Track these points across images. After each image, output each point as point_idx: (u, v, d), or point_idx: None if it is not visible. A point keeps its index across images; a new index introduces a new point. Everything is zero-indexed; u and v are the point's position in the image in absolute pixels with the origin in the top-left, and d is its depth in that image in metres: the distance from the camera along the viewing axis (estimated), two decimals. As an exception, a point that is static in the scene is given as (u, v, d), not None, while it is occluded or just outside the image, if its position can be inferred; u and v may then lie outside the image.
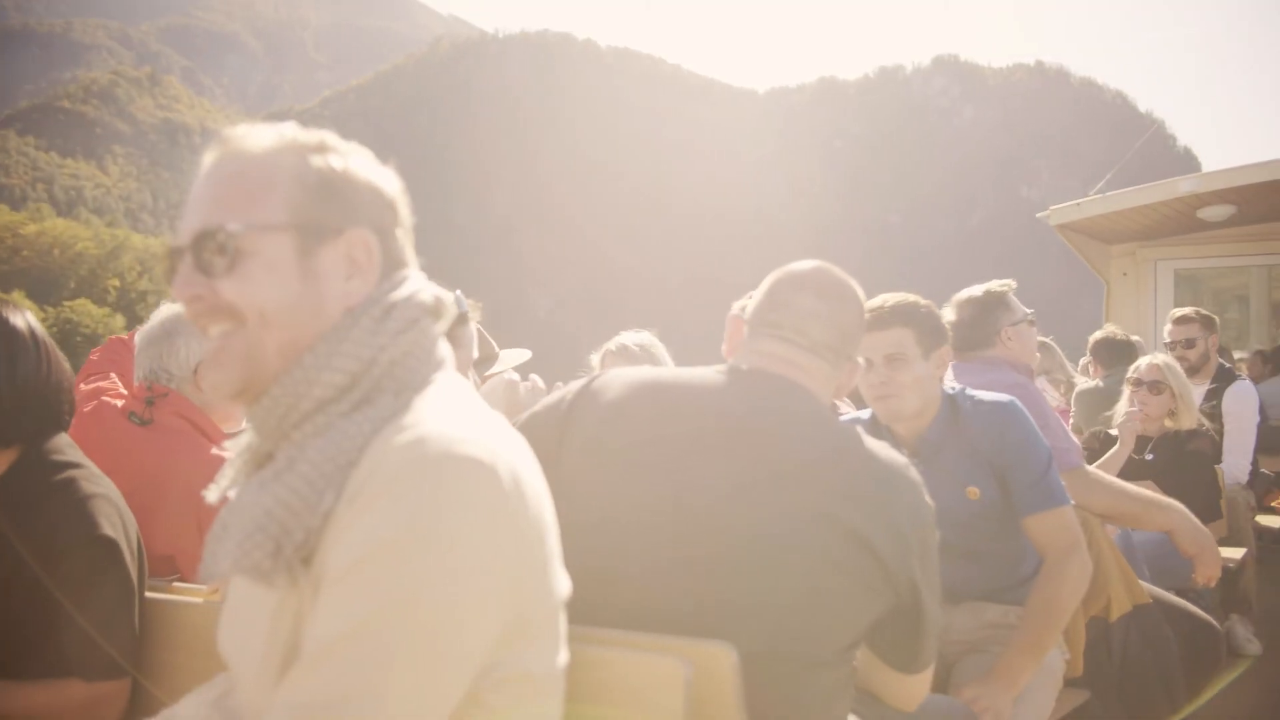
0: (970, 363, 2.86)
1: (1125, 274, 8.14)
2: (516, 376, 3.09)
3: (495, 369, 3.23)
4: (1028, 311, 2.97)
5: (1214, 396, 4.78)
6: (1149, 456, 3.98)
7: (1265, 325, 8.65)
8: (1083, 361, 6.05)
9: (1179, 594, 2.96)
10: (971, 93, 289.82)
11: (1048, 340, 5.81)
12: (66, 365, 1.72)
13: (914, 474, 1.43)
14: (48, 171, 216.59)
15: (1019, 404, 2.24)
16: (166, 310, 2.35)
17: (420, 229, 1.18)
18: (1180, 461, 3.91)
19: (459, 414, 1.03)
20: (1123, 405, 4.08)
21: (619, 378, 1.53)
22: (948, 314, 2.90)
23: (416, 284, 1.13)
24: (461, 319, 2.50)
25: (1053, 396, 5.39)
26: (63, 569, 1.53)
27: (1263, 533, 4.78)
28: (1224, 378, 4.85)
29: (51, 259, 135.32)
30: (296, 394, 1.04)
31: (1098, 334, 5.45)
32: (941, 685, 2.18)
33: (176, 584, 1.88)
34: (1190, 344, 4.87)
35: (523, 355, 3.52)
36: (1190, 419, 3.99)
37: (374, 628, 0.91)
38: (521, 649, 1.02)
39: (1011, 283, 2.99)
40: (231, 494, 1.11)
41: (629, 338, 3.19)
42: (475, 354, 2.98)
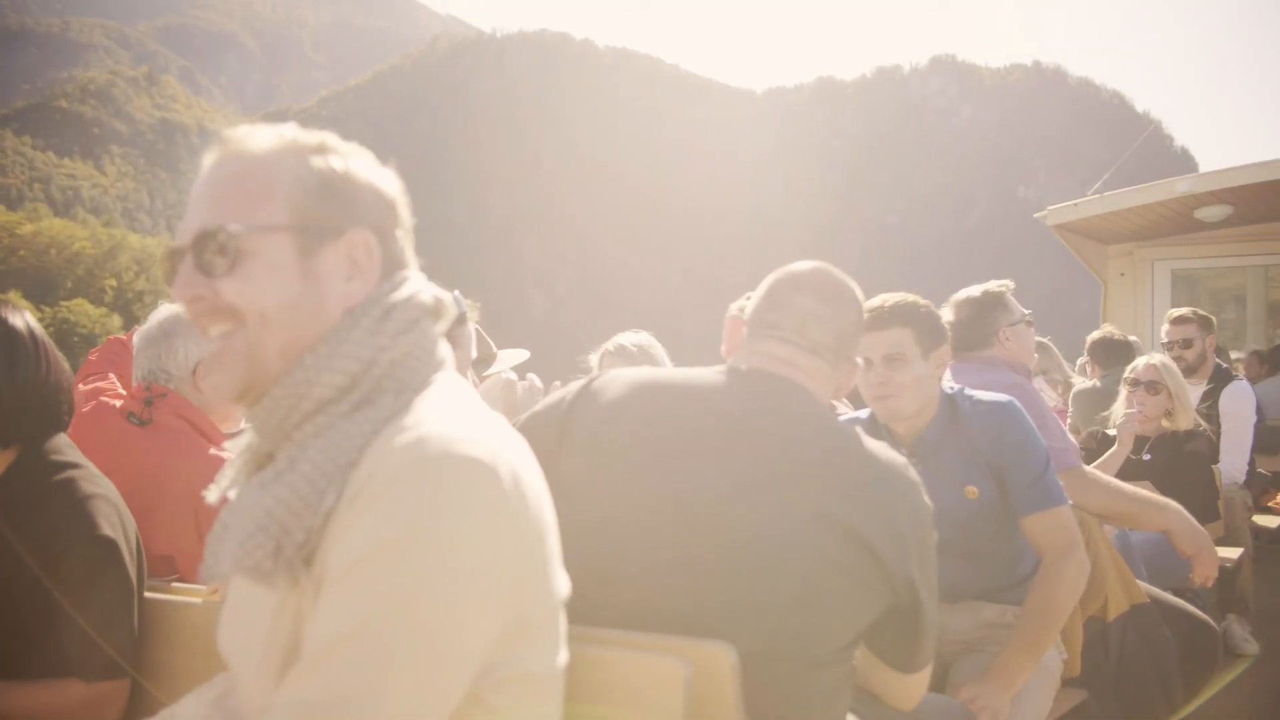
0: (968, 363, 2.87)
1: (1122, 274, 8.15)
2: (514, 376, 3.10)
3: (493, 369, 3.23)
4: (1025, 312, 2.98)
5: (1211, 397, 4.78)
6: (1146, 457, 3.98)
7: (1262, 325, 8.67)
8: (1080, 361, 6.06)
9: (1176, 594, 2.96)
10: (969, 93, 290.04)
11: (1045, 340, 5.82)
12: (66, 366, 1.72)
13: (913, 474, 1.43)
14: (45, 171, 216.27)
15: (1017, 404, 2.25)
16: (165, 311, 2.35)
17: (418, 229, 1.18)
18: (1178, 462, 3.91)
19: (459, 414, 1.03)
20: (1119, 405, 4.08)
21: (619, 378, 1.54)
22: (945, 314, 2.91)
23: (416, 285, 1.13)
24: (460, 319, 2.51)
25: (1050, 397, 5.39)
26: (62, 569, 1.53)
27: (1259, 532, 4.79)
28: (1221, 378, 4.85)
29: (48, 259, 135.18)
30: (297, 394, 1.05)
31: (1095, 334, 5.46)
32: (939, 685, 2.19)
33: (175, 584, 1.88)
34: (1188, 344, 4.88)
35: (521, 355, 3.52)
36: (1187, 419, 4.00)
37: (374, 628, 0.91)
38: (522, 649, 1.03)
39: (1009, 283, 3.00)
40: (231, 494, 1.12)
41: (627, 338, 3.19)
42: (474, 354, 2.98)
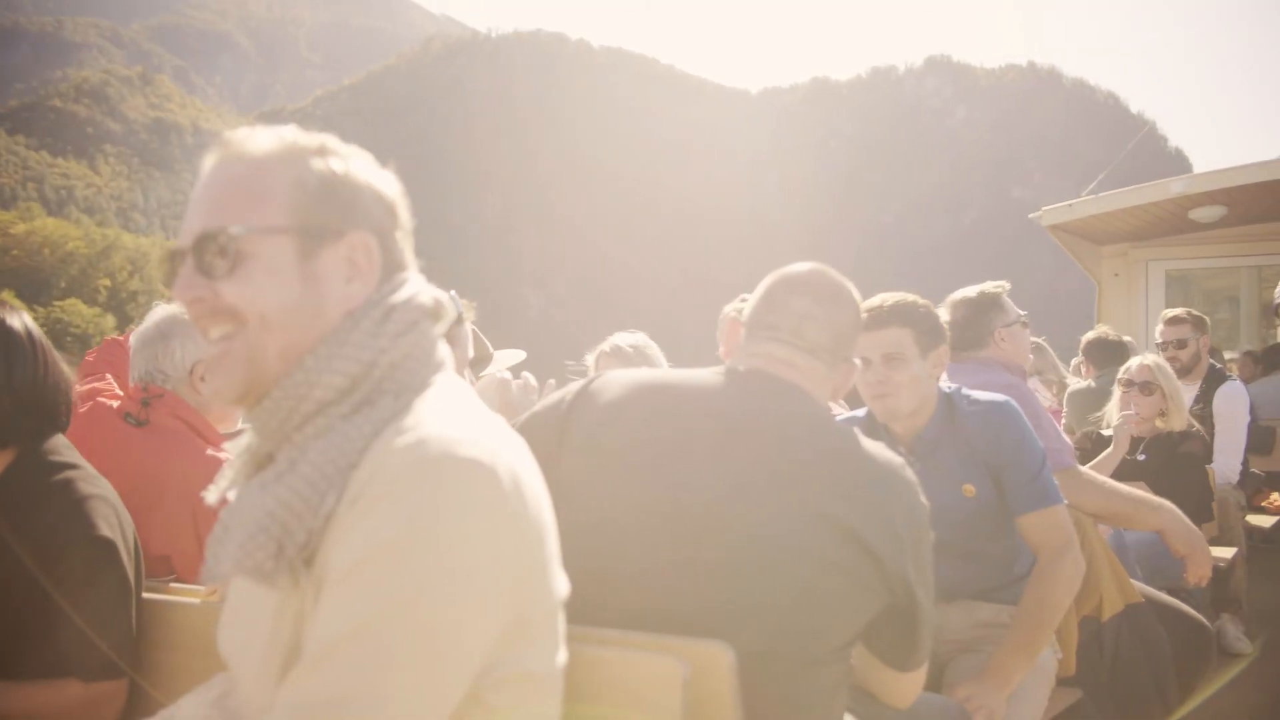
0: (964, 363, 2.87)
1: (1117, 274, 8.18)
2: (509, 376, 3.10)
3: (490, 370, 3.23)
4: (1021, 313, 2.98)
5: (1205, 397, 4.80)
6: (1141, 457, 3.99)
7: (1255, 326, 8.69)
8: (1075, 362, 6.08)
9: (1171, 593, 2.97)
10: (964, 93, 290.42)
11: (1040, 341, 5.84)
12: (64, 367, 1.72)
13: (910, 474, 1.44)
14: (38, 171, 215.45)
15: (1014, 404, 2.26)
16: (161, 311, 2.35)
17: (414, 229, 1.19)
18: (1172, 462, 3.92)
19: (459, 416, 1.04)
20: (1113, 405, 4.09)
21: (618, 379, 1.54)
22: (941, 315, 2.92)
23: (416, 286, 1.14)
24: (458, 319, 2.51)
25: (1045, 397, 5.41)
26: (60, 569, 1.53)
27: (1253, 532, 4.81)
28: (1215, 378, 4.87)
29: (42, 258, 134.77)
30: (297, 396, 1.05)
31: (1090, 334, 5.48)
32: (935, 684, 2.19)
33: (174, 584, 1.88)
34: (1182, 344, 4.89)
35: (517, 356, 3.53)
36: (1180, 420, 4.01)
37: (375, 628, 0.91)
38: (521, 649, 1.03)
39: (1005, 284, 3.00)
40: (231, 496, 1.12)
41: (622, 339, 3.19)
42: (471, 353, 2.99)
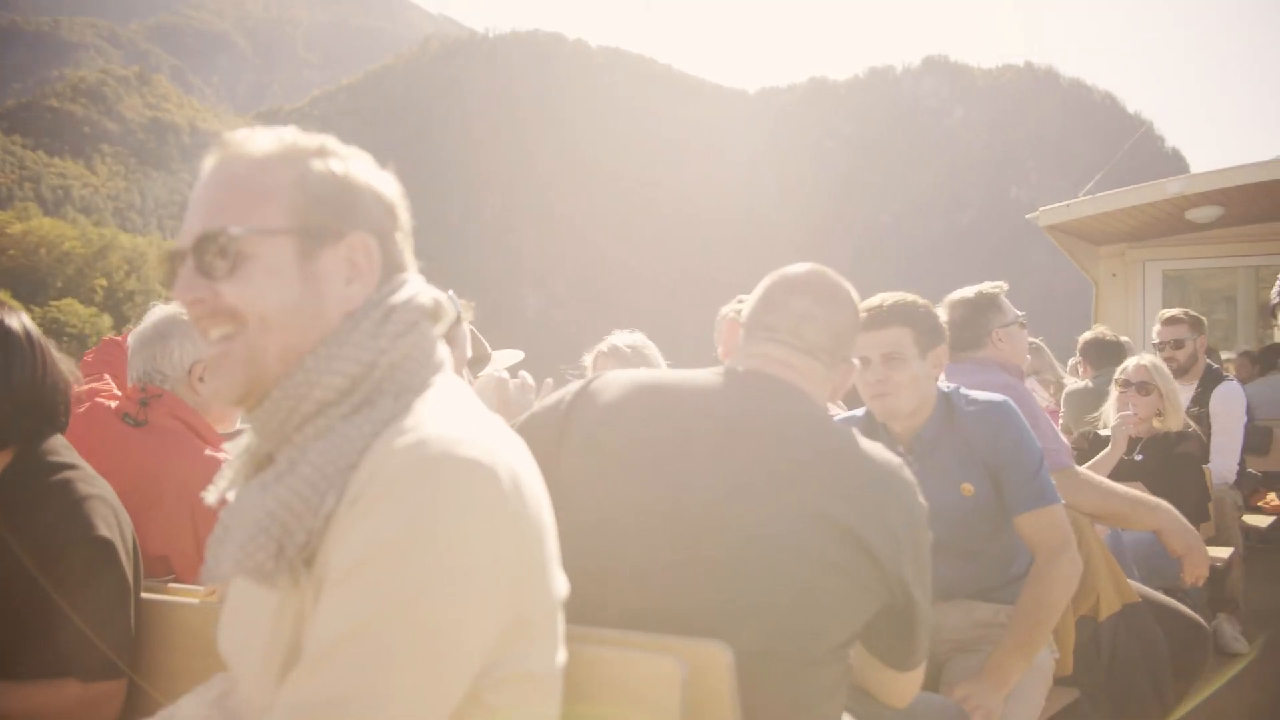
0: (961, 364, 2.88)
1: (1114, 275, 8.19)
2: (506, 375, 3.10)
3: (488, 370, 3.23)
4: (1019, 314, 2.99)
5: (1202, 397, 4.81)
6: (1138, 457, 3.99)
7: (1252, 326, 8.71)
8: (1072, 362, 6.09)
9: (1168, 593, 2.98)
10: (961, 93, 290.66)
11: (1037, 341, 5.85)
12: (62, 367, 1.71)
13: (908, 475, 1.44)
14: (35, 170, 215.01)
15: (1013, 404, 2.27)
16: (159, 312, 2.35)
17: (412, 229, 1.19)
18: (1169, 463, 3.93)
19: (458, 416, 1.04)
20: (1110, 405, 4.09)
21: (617, 379, 1.54)
22: (939, 315, 2.92)
23: (416, 287, 1.14)
24: (456, 319, 2.51)
25: (1042, 397, 5.41)
26: (59, 569, 1.53)
27: (1250, 532, 4.82)
28: (1211, 378, 4.88)
29: (38, 258, 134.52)
30: (297, 397, 1.05)
31: (1087, 335, 5.49)
32: (932, 684, 2.20)
33: (172, 585, 1.88)
34: (1179, 344, 4.90)
35: (515, 356, 3.53)
36: (1177, 420, 4.01)
37: (375, 629, 0.91)
38: (521, 649, 1.03)
39: (1003, 285, 3.01)
40: (230, 496, 1.12)
41: (620, 339, 3.19)
42: (469, 353, 2.99)
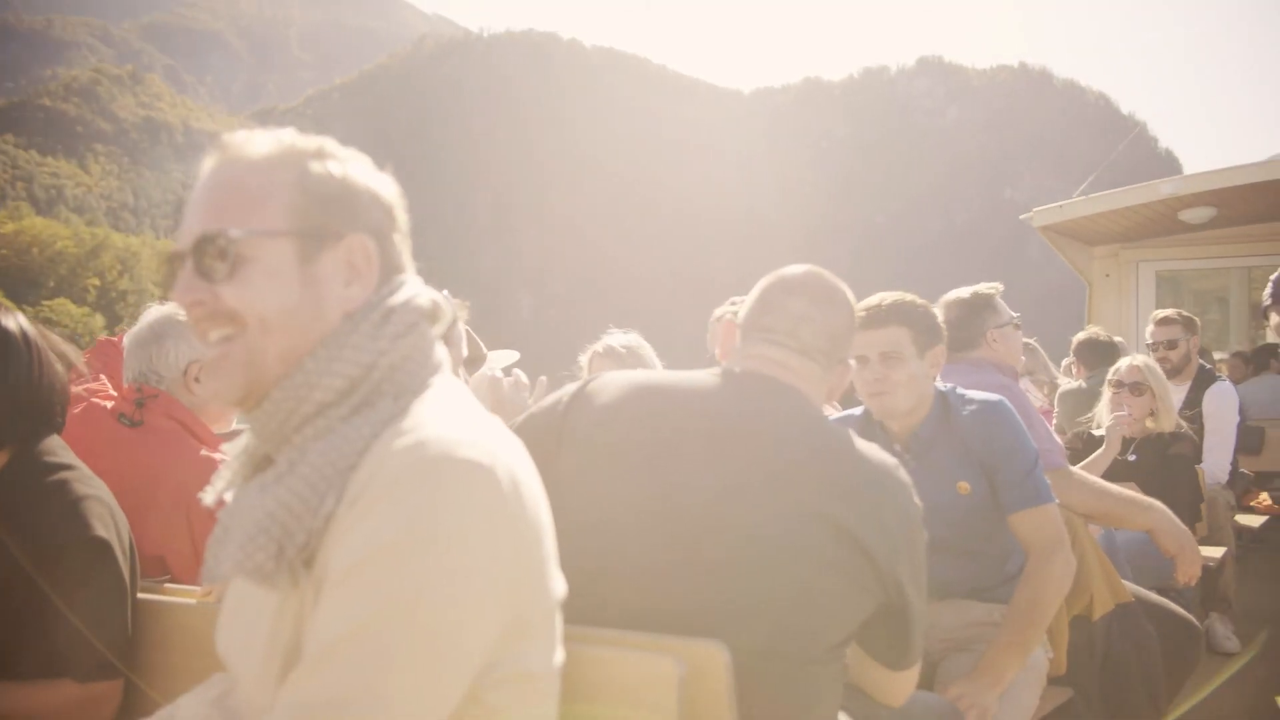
0: (956, 364, 2.88)
1: (1107, 275, 8.21)
2: (500, 374, 3.10)
3: (483, 370, 3.23)
4: (1013, 314, 3.01)
5: (1194, 398, 4.83)
6: (1131, 457, 4.01)
7: (1245, 326, 8.75)
8: (1066, 362, 6.11)
9: (1160, 593, 3.00)
10: (955, 94, 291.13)
11: (1031, 341, 5.87)
12: (59, 367, 1.72)
13: (903, 475, 1.45)
14: (27, 170, 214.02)
15: (1008, 403, 2.28)
16: (155, 312, 2.35)
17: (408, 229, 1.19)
18: (1162, 463, 3.94)
19: (457, 417, 1.04)
20: (1104, 406, 4.11)
21: (614, 380, 1.55)
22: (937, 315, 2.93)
23: (414, 289, 1.14)
24: (452, 318, 2.51)
25: (1036, 397, 5.44)
26: (56, 570, 1.53)
27: (1242, 532, 4.84)
28: (1204, 379, 4.90)
29: (30, 258, 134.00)
30: (297, 398, 1.05)
31: (1081, 335, 5.51)
32: (927, 682, 2.21)
33: (169, 585, 1.88)
34: (1172, 345, 4.92)
35: (511, 356, 3.53)
36: (1170, 421, 4.03)
37: (375, 629, 0.92)
38: (520, 649, 1.04)
39: (999, 286, 3.02)
40: (228, 497, 1.12)
41: (615, 339, 3.19)
42: (465, 352, 2.99)
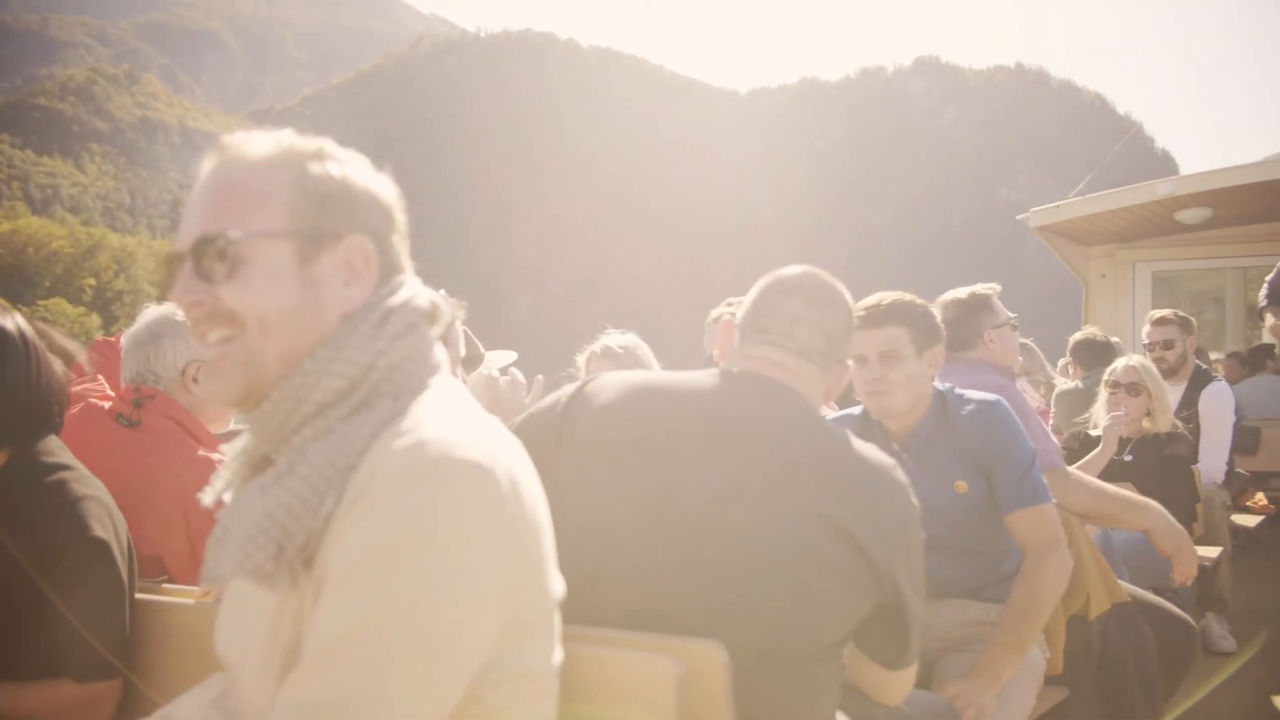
0: (953, 364, 2.89)
1: (1104, 275, 8.23)
2: (496, 373, 3.10)
3: (480, 370, 3.23)
4: (1010, 315, 3.01)
5: (1191, 398, 4.84)
6: (1128, 458, 4.02)
7: (1241, 327, 8.77)
8: (1062, 362, 6.12)
9: (1157, 592, 3.00)
10: (952, 94, 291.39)
11: (1028, 342, 5.88)
12: (57, 367, 1.71)
13: (901, 475, 1.45)
14: (23, 169, 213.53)
15: (1005, 403, 2.29)
16: (153, 312, 2.35)
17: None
18: (1159, 463, 3.95)
19: (457, 418, 1.05)
20: (1100, 406, 4.12)
21: (612, 381, 1.55)
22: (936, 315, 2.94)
23: (413, 289, 1.15)
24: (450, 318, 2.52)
25: (1033, 397, 5.44)
26: (54, 570, 1.53)
27: (1238, 532, 4.85)
28: (1200, 379, 4.91)
29: (25, 258, 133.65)
30: (296, 399, 1.05)
31: (1077, 335, 5.52)
32: (924, 682, 2.21)
33: (166, 585, 1.88)
34: (1169, 345, 4.93)
35: (509, 357, 3.53)
36: (1166, 421, 4.04)
37: (375, 629, 0.92)
38: (519, 649, 1.04)
39: (996, 286, 3.03)
40: (227, 497, 1.12)
41: (613, 340, 3.19)
42: (462, 351, 2.99)
